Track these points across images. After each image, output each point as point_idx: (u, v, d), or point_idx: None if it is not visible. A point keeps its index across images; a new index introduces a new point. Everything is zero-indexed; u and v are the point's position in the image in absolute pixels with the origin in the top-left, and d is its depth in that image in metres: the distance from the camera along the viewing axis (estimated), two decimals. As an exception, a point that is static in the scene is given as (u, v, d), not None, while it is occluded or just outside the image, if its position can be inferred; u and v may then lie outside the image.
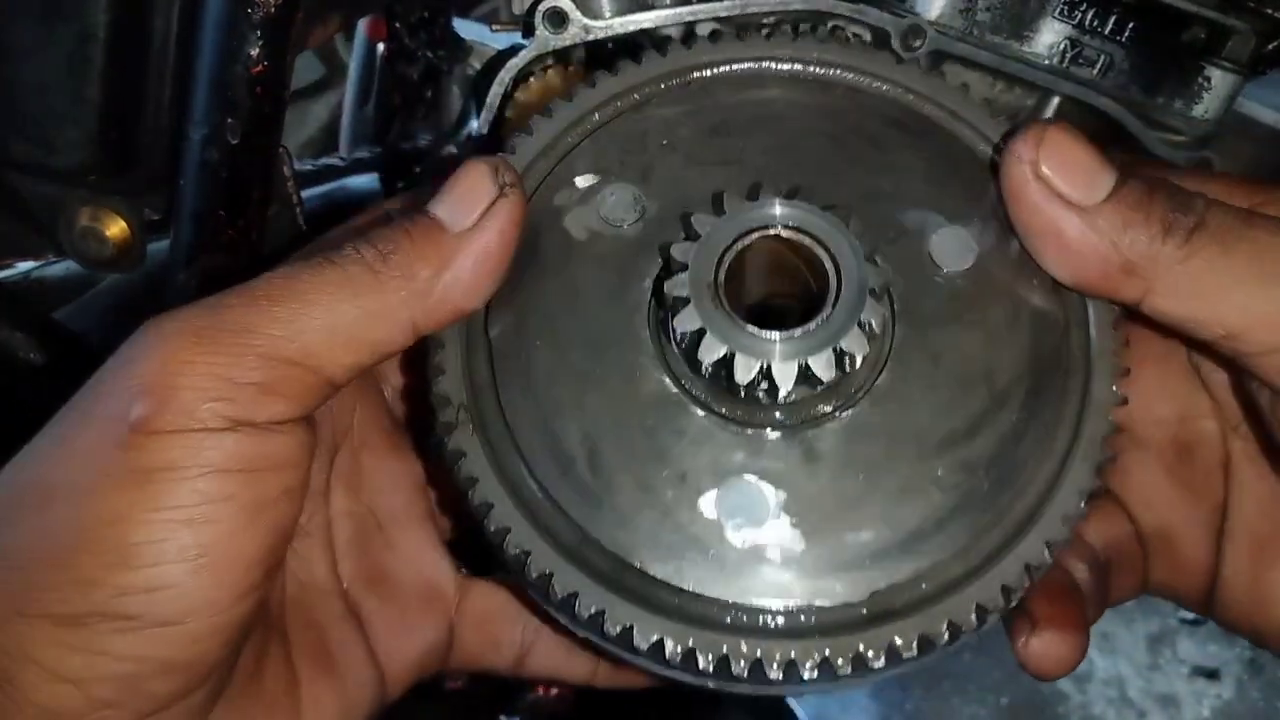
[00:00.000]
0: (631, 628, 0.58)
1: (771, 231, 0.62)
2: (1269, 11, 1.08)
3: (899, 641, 0.58)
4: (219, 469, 0.54)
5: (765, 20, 1.03)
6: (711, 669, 0.58)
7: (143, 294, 1.23)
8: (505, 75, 1.02)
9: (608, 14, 1.02)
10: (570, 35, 1.01)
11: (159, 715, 0.55)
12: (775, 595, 0.59)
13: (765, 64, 0.73)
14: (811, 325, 0.60)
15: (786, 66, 0.73)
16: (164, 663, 0.54)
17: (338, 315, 0.56)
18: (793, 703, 1.60)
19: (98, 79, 0.98)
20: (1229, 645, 3.34)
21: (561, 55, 1.04)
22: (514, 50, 1.05)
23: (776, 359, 0.59)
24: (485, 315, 0.65)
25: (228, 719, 0.61)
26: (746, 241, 0.62)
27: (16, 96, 0.99)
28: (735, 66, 0.73)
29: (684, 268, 0.61)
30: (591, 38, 1.01)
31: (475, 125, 1.08)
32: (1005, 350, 0.64)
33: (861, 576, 0.59)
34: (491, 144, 1.06)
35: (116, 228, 1.08)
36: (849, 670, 0.58)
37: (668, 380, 0.64)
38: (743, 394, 0.61)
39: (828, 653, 0.57)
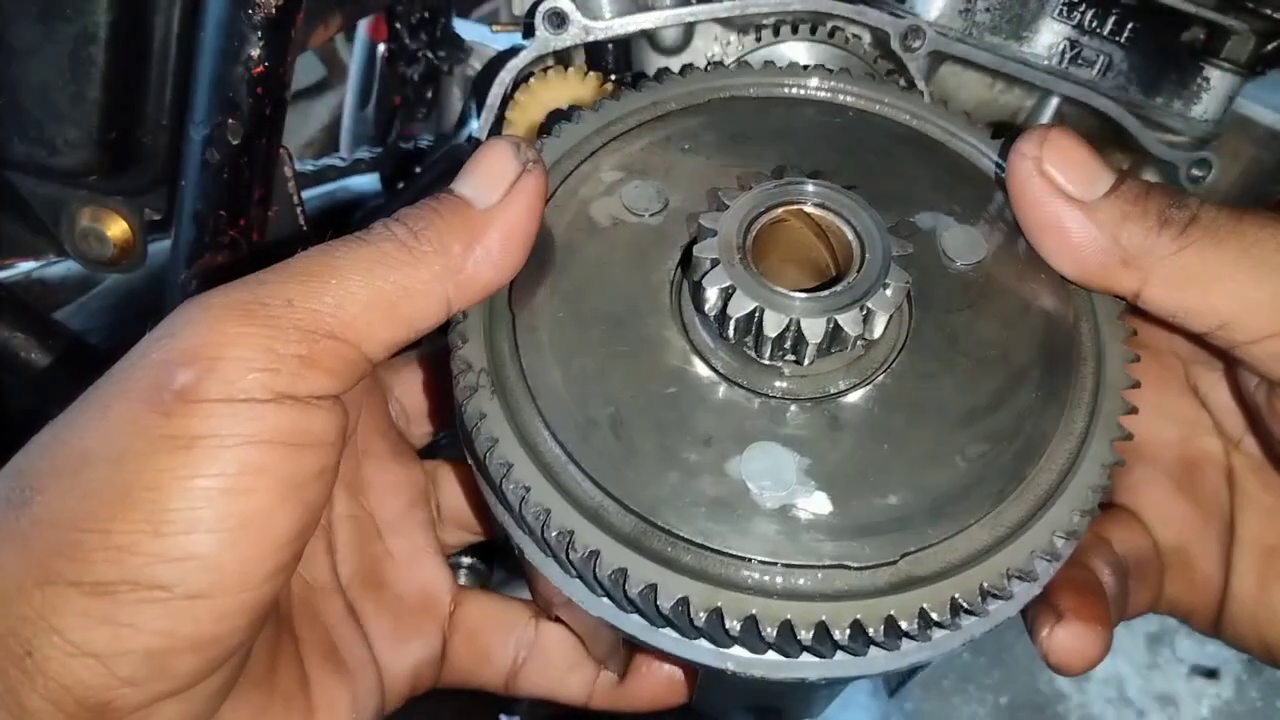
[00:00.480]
0: (655, 585, 0.57)
1: (797, 205, 0.64)
2: (1267, 12, 1.08)
3: (929, 606, 0.57)
4: (260, 440, 0.53)
5: (765, 20, 1.03)
6: (739, 630, 0.57)
7: (143, 294, 1.23)
8: (506, 76, 1.02)
9: (607, 15, 1.02)
10: (570, 36, 1.01)
11: (176, 698, 0.55)
12: (804, 555, 0.58)
13: (780, 89, 0.76)
14: (839, 287, 0.61)
15: (799, 91, 0.76)
16: (190, 639, 0.53)
17: (374, 290, 0.56)
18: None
19: (99, 80, 0.98)
20: (1228, 645, 3.34)
21: (562, 56, 1.04)
22: (514, 51, 1.05)
23: (805, 315, 0.60)
24: (509, 290, 0.65)
25: (242, 709, 0.61)
26: (773, 215, 0.64)
27: (18, 97, 0.99)
28: (752, 90, 0.75)
29: (713, 233, 0.62)
30: (591, 38, 1.01)
31: (475, 125, 1.09)
32: (1019, 335, 0.66)
33: (890, 540, 0.59)
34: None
35: (117, 228, 1.09)
36: (880, 634, 0.57)
37: (691, 353, 0.64)
38: (769, 357, 0.62)
39: (859, 616, 0.56)
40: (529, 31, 1.04)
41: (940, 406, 0.63)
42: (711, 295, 0.61)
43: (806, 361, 0.62)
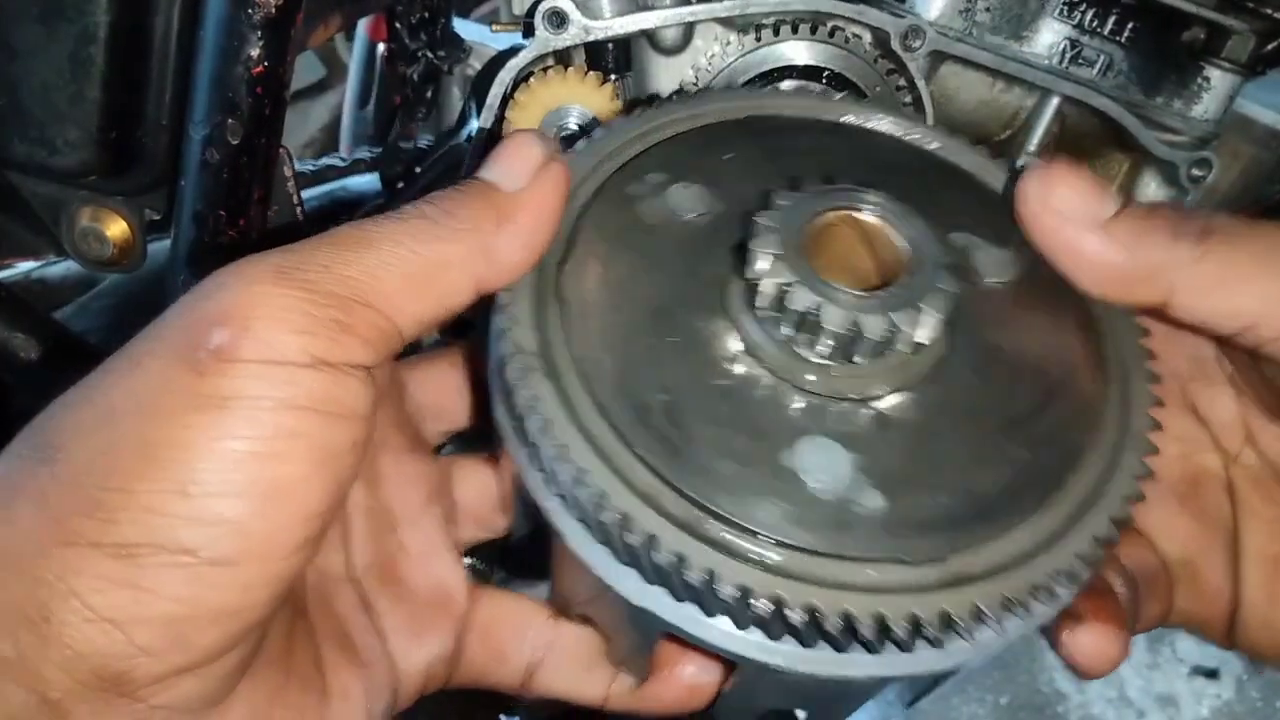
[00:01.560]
0: (714, 571, 0.56)
1: (851, 210, 0.66)
2: (1268, 12, 1.09)
3: (982, 602, 0.58)
4: (295, 405, 0.52)
5: (765, 20, 1.03)
6: (798, 620, 0.57)
7: (143, 294, 1.23)
8: (506, 76, 1.02)
9: (608, 14, 1.02)
10: (570, 36, 1.01)
11: (193, 674, 0.53)
12: (860, 548, 0.58)
13: (814, 114, 0.78)
14: (895, 288, 0.63)
15: (832, 117, 0.78)
16: (212, 608, 0.52)
17: (408, 263, 0.56)
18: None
19: (99, 79, 0.98)
20: (1244, 655, 3.33)
21: (561, 56, 1.04)
22: (514, 51, 1.05)
23: (864, 312, 0.61)
24: (557, 278, 0.66)
25: (259, 688, 0.60)
26: (828, 218, 0.66)
27: (18, 97, 0.99)
28: (787, 112, 0.77)
29: (769, 229, 0.63)
30: (592, 38, 1.01)
31: (475, 125, 1.09)
32: (1050, 349, 0.68)
33: (940, 538, 0.59)
34: (493, 144, 1.07)
35: (117, 228, 1.09)
36: (934, 629, 0.57)
37: (743, 348, 0.65)
38: (822, 355, 0.63)
39: (916, 610, 0.57)
40: (529, 31, 1.04)
41: (981, 413, 0.65)
42: (768, 290, 0.62)
43: (858, 360, 0.63)
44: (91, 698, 0.50)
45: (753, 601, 0.56)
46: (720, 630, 0.61)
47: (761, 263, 0.62)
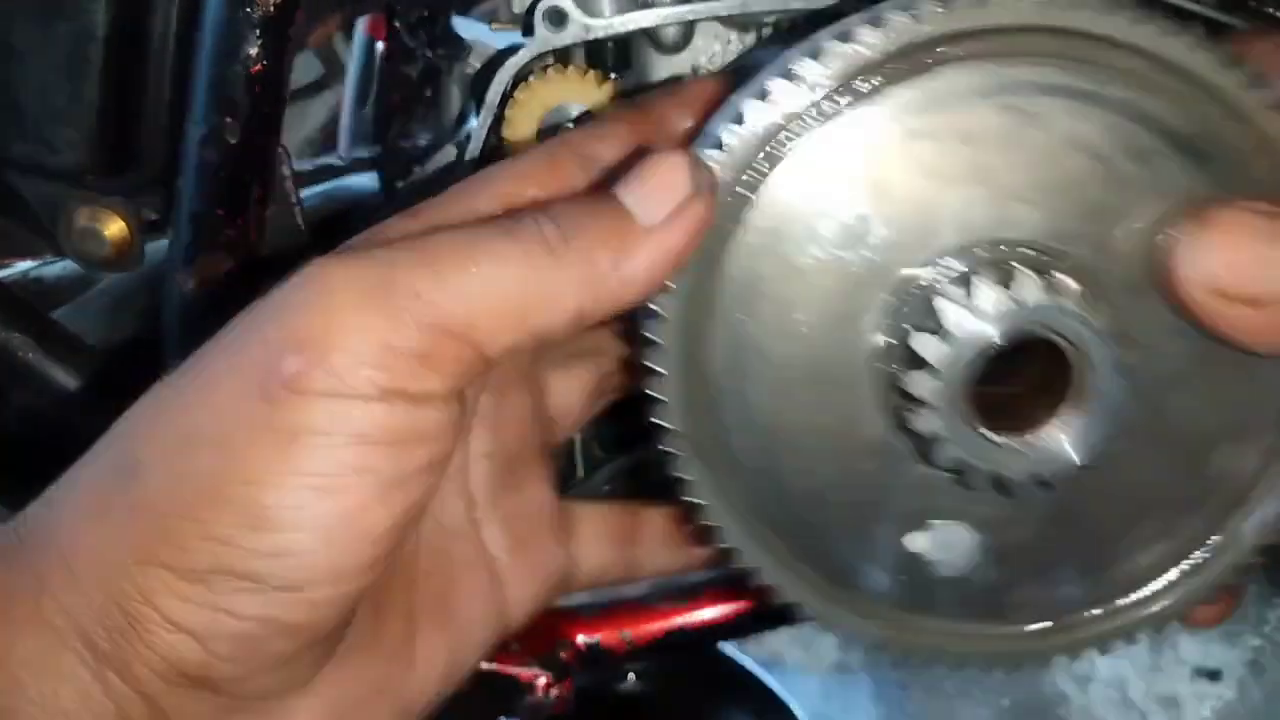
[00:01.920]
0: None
1: (1026, 337, 0.59)
2: (1270, 10, 1.08)
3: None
4: (365, 439, 0.52)
5: (766, 20, 1.03)
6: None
7: (141, 293, 1.23)
8: (505, 74, 1.02)
9: (607, 13, 1.02)
10: (570, 34, 1.01)
11: (275, 670, 0.56)
12: (984, 621, 0.64)
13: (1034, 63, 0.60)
14: (1059, 422, 0.61)
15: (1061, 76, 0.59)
16: (284, 626, 0.54)
17: (509, 292, 0.54)
18: (793, 703, 1.60)
19: (96, 79, 0.98)
20: (1231, 646, 3.33)
21: (561, 54, 1.04)
22: (514, 49, 1.04)
23: (1012, 470, 0.60)
24: (699, 337, 0.62)
25: (345, 670, 0.61)
26: (995, 351, 0.59)
27: (15, 96, 0.99)
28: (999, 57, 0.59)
29: (925, 365, 0.58)
30: (592, 36, 1.01)
31: (475, 124, 1.08)
32: (1208, 415, 0.65)
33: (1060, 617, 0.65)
34: (493, 144, 1.06)
35: (115, 227, 1.08)
36: None
37: (889, 430, 0.63)
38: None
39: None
40: (528, 30, 1.04)
41: (1126, 493, 0.66)
42: (921, 435, 0.61)
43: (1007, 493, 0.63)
44: (178, 691, 0.54)
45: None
46: None
47: (915, 407, 0.59)
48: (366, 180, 1.49)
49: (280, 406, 0.51)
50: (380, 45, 1.55)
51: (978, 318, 0.57)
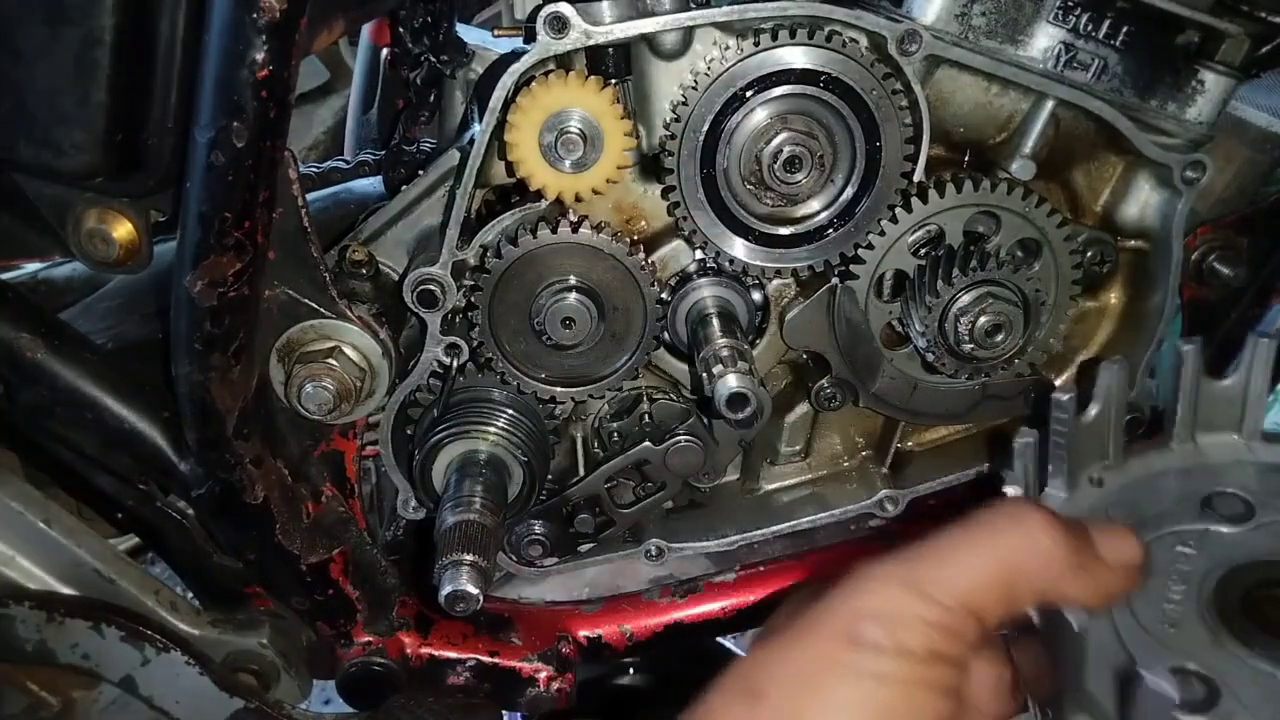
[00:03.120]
0: None
1: None
2: (1262, 15, 1.09)
3: None
4: (912, 683, 0.70)
5: (763, 24, 1.04)
6: None
7: (149, 294, 1.24)
8: (508, 80, 1.03)
9: (608, 20, 1.03)
10: (571, 40, 1.02)
11: None
12: None
13: None
14: None
15: None
16: None
17: (1001, 580, 0.73)
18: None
19: (104, 82, 0.98)
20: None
21: (563, 60, 1.05)
22: (516, 55, 1.06)
23: None
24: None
25: None
26: None
27: (24, 99, 1.00)
28: None
29: None
30: (592, 43, 1.03)
31: (477, 129, 1.10)
32: None
33: None
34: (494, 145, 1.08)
35: (123, 229, 1.09)
36: None
37: None
38: None
39: None
40: (530, 36, 1.05)
41: None
42: None
43: None
44: None
45: None
46: None
47: None
48: (371, 183, 1.51)
49: (862, 653, 0.70)
50: (385, 51, 1.56)
51: None
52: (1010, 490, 0.85)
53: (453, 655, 1.36)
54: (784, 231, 1.12)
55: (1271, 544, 0.80)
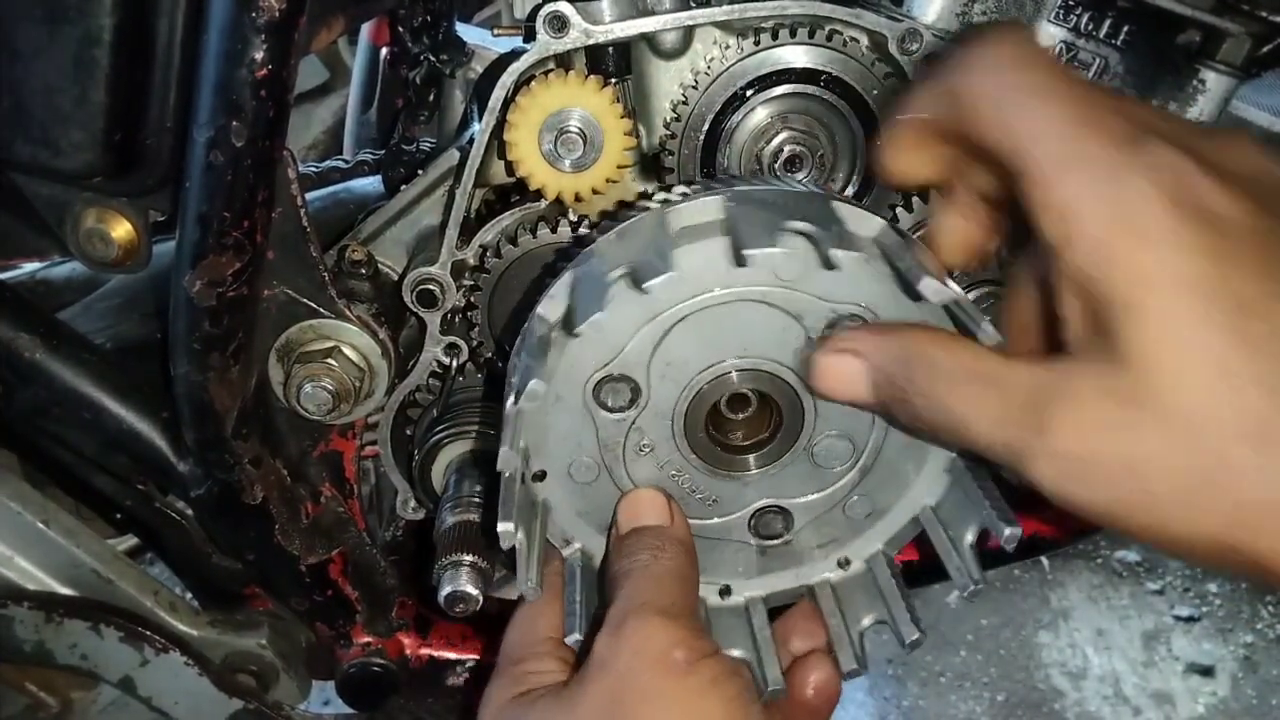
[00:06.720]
0: None
1: None
2: (1263, 15, 1.09)
3: None
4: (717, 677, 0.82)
5: (763, 24, 1.04)
6: None
7: (148, 294, 1.24)
8: (507, 79, 1.03)
9: (608, 19, 1.03)
10: (571, 39, 1.02)
11: None
12: None
13: None
14: None
15: None
16: None
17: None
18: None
19: (103, 82, 0.98)
20: (1224, 643, 3.35)
21: (563, 59, 1.05)
22: (515, 54, 1.06)
23: None
24: None
25: None
26: None
27: (22, 99, 0.99)
28: None
29: None
30: (592, 42, 1.02)
31: (477, 128, 1.09)
32: None
33: None
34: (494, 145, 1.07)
35: (122, 229, 1.09)
36: None
37: None
38: None
39: None
40: (530, 35, 1.05)
41: None
42: None
43: None
44: None
45: None
46: None
47: None
48: (370, 183, 1.50)
49: (689, 672, 0.81)
50: (384, 50, 1.56)
51: None
52: None
53: (452, 656, 1.36)
54: (784, 231, 1.12)
55: None
